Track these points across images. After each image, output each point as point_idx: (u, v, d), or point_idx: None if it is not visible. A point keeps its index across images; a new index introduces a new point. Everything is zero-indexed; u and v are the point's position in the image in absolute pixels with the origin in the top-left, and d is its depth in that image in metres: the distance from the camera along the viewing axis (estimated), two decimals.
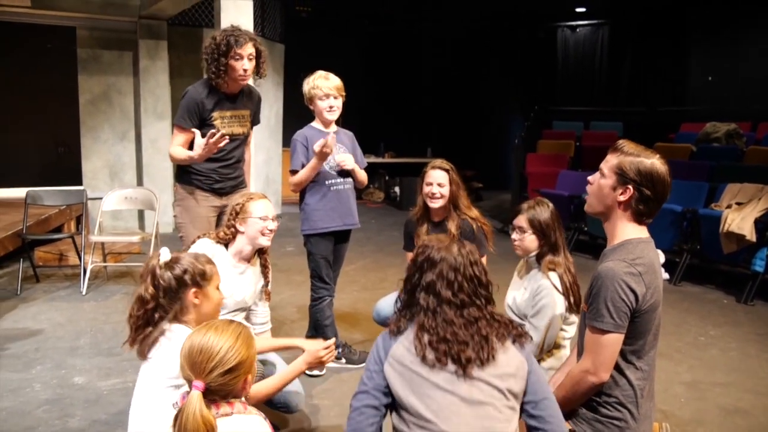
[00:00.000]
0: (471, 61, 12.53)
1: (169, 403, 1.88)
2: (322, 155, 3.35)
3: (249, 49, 3.26)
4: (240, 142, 3.48)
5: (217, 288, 2.15)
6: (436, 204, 3.30)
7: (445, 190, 3.28)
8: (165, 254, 2.11)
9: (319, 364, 2.43)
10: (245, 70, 3.28)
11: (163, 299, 2.05)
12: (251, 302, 2.87)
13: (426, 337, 1.71)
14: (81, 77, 7.53)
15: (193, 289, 2.06)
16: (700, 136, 7.91)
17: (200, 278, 2.08)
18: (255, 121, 3.59)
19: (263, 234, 2.73)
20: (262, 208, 2.74)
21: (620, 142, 1.98)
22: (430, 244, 1.81)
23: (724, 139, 7.65)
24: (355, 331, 4.27)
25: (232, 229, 2.75)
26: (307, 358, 2.39)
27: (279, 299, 4.98)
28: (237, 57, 3.22)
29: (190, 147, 3.27)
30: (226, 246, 2.79)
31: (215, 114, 3.33)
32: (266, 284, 2.93)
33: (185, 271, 2.06)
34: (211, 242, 2.76)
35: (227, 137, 3.22)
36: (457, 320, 1.72)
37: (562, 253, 2.69)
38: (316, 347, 2.41)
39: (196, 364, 1.58)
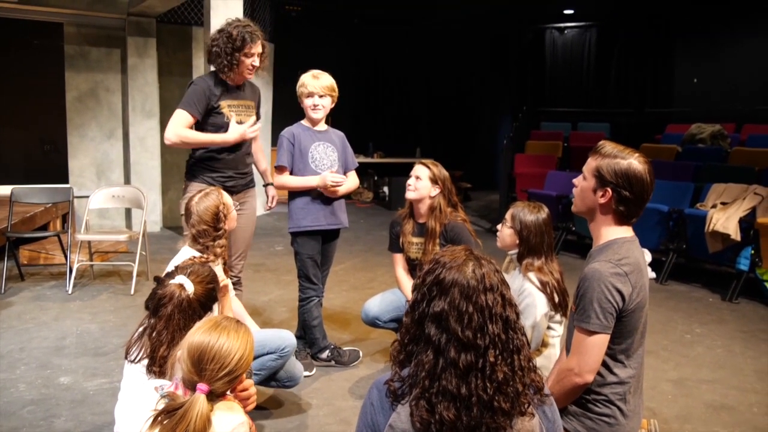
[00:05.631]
0: (460, 62, 12.56)
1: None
2: (325, 190, 3.43)
3: (260, 47, 3.34)
4: None
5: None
6: (408, 195, 3.34)
7: (421, 185, 3.30)
8: (188, 284, 2.06)
9: None
10: (253, 66, 3.36)
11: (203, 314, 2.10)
12: None
13: (426, 419, 1.34)
14: (68, 74, 7.46)
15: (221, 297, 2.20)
16: (686, 137, 7.99)
17: (218, 287, 2.20)
18: (257, 114, 3.60)
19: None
20: (228, 197, 2.79)
21: (600, 143, 1.99)
22: (441, 260, 1.42)
23: (709, 140, 7.73)
24: (345, 332, 4.27)
25: (223, 231, 2.74)
26: None
27: (268, 299, 4.97)
28: (249, 53, 3.30)
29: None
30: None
31: (223, 102, 3.36)
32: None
33: (207, 296, 2.13)
34: (192, 250, 2.73)
35: (259, 124, 3.43)
36: (467, 389, 1.33)
37: (544, 257, 2.69)
38: None
39: (205, 370, 1.58)
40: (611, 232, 1.96)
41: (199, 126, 3.35)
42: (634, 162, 1.89)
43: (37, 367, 3.54)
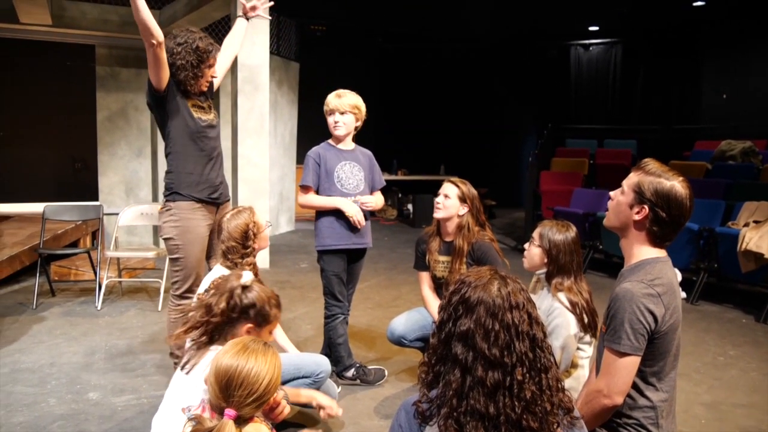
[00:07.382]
0: (485, 79, 12.57)
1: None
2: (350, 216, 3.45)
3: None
4: (217, 132, 3.36)
5: (270, 333, 2.15)
6: (437, 214, 3.32)
7: (449, 203, 3.29)
8: (247, 276, 2.11)
9: (318, 407, 2.67)
10: (213, 76, 3.30)
11: (226, 319, 2.06)
12: None
13: None
14: (99, 94, 7.64)
15: (249, 325, 2.07)
16: (716, 154, 7.87)
17: (261, 319, 2.09)
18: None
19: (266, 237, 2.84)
20: (261, 214, 2.82)
21: (645, 160, 1.97)
22: (467, 280, 1.43)
23: (740, 157, 7.61)
24: (370, 350, 4.25)
25: (251, 249, 2.76)
26: (318, 398, 2.64)
27: (293, 316, 4.98)
28: (211, 64, 3.23)
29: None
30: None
31: (188, 100, 3.23)
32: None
33: (252, 305, 2.06)
34: (223, 268, 2.75)
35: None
36: (495, 407, 1.33)
37: (573, 276, 2.66)
38: (327, 403, 2.64)
39: (233, 396, 1.56)
40: (644, 252, 1.93)
41: (165, 116, 3.19)
42: (677, 185, 1.87)
43: (67, 382, 3.58)
